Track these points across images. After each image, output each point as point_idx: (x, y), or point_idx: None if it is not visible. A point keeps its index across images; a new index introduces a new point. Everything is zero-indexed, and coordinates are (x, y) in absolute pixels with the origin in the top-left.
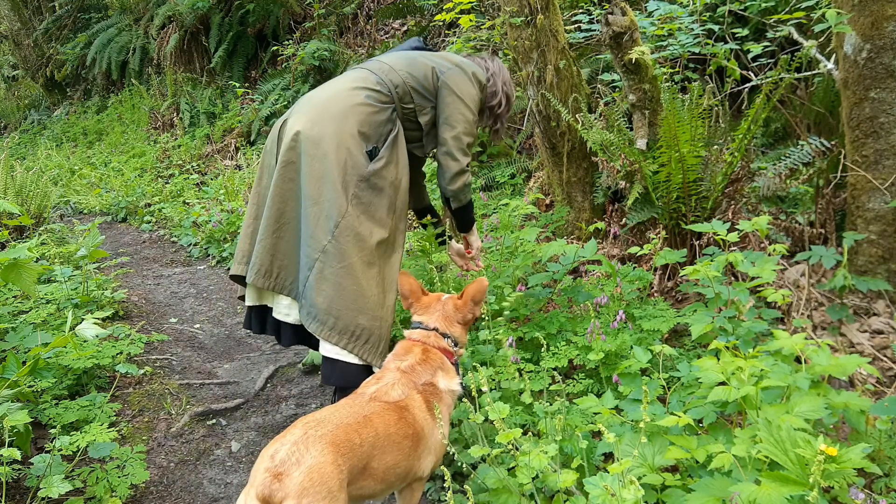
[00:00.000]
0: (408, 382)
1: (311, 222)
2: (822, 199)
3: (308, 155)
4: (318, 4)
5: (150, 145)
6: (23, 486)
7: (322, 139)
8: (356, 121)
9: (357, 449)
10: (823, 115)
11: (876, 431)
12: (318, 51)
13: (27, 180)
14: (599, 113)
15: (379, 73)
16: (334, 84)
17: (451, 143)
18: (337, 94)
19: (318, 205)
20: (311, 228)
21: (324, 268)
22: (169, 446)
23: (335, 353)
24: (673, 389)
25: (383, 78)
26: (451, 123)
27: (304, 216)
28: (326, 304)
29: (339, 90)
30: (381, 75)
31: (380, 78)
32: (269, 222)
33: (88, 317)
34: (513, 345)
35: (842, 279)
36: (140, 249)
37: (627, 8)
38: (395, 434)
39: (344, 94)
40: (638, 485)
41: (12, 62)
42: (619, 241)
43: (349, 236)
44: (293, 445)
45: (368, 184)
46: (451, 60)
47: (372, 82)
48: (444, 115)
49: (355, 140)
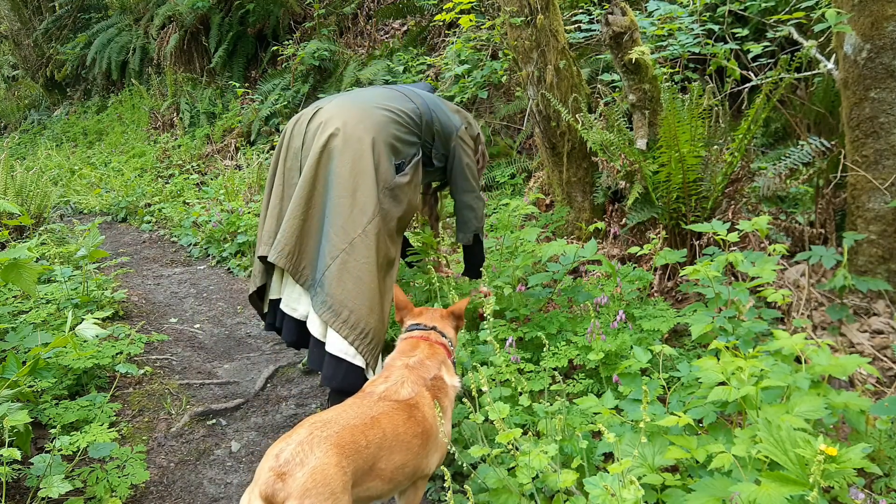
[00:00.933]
0: (417, 379)
1: (343, 213)
2: (822, 199)
3: (349, 149)
4: (318, 4)
5: (150, 145)
6: (23, 486)
7: (362, 139)
8: (391, 134)
9: (363, 451)
10: (823, 115)
11: (876, 431)
12: (318, 51)
13: (27, 180)
14: (599, 113)
15: (416, 101)
16: (372, 94)
17: (470, 200)
18: (376, 105)
19: (354, 198)
20: (342, 219)
21: (348, 259)
22: (169, 446)
23: (342, 351)
24: (673, 389)
25: (419, 107)
26: (467, 188)
27: (335, 206)
28: (344, 295)
29: (378, 102)
30: (417, 104)
31: (416, 107)
32: (299, 202)
33: (88, 317)
34: (513, 345)
35: (842, 279)
36: (140, 249)
37: (627, 8)
38: (404, 434)
39: (383, 107)
40: (638, 485)
41: (12, 62)
42: (619, 241)
43: (379, 235)
44: (298, 446)
45: (391, 193)
46: (461, 118)
47: (409, 109)
48: (460, 176)
49: (388, 150)
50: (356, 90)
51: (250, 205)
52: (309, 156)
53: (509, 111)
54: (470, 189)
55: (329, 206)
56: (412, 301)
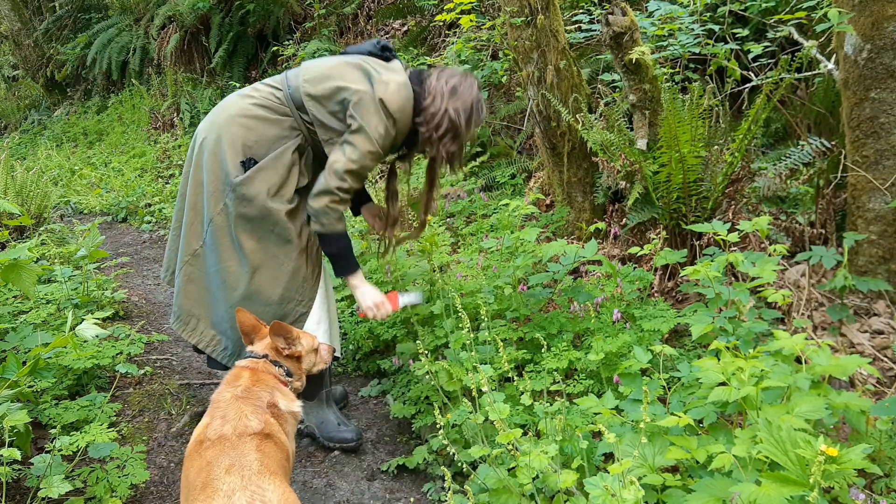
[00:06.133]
0: (254, 409)
1: (186, 229)
2: (823, 199)
3: (194, 163)
4: (318, 4)
5: (151, 145)
6: (23, 486)
7: (205, 147)
8: (235, 133)
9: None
10: (824, 115)
11: (876, 432)
12: (319, 51)
13: (27, 180)
14: (600, 113)
15: (281, 84)
16: (240, 92)
17: (334, 163)
18: (233, 103)
19: (195, 210)
20: (186, 234)
21: (192, 270)
22: (169, 446)
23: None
24: (673, 390)
25: (285, 89)
26: (344, 150)
27: (184, 223)
28: (189, 304)
29: (237, 100)
30: (282, 86)
31: (279, 88)
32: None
33: (88, 317)
34: (513, 345)
35: (842, 279)
36: (140, 249)
37: (628, 8)
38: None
39: (239, 105)
40: (638, 485)
41: (12, 62)
42: (620, 242)
43: (225, 239)
44: None
45: (236, 194)
46: (372, 81)
47: (266, 93)
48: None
49: (233, 150)
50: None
51: None
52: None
53: (509, 111)
54: (343, 150)
55: (183, 222)
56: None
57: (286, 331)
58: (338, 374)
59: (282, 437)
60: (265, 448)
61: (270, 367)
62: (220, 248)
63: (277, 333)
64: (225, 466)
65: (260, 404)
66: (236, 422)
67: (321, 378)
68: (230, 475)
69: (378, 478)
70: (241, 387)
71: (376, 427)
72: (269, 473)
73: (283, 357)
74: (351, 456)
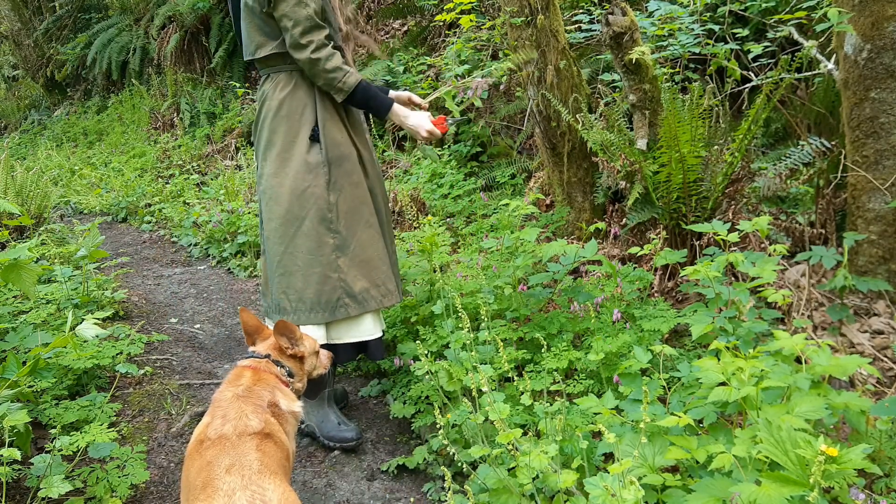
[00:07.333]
0: (255, 408)
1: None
2: (823, 199)
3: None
4: None
5: (151, 145)
6: (23, 486)
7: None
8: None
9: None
10: (824, 115)
11: (876, 432)
12: None
13: (27, 180)
14: (600, 113)
15: None
16: None
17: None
18: None
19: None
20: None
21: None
22: (169, 446)
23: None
24: (673, 390)
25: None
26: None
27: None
28: (279, 289)
29: None
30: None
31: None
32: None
33: (88, 317)
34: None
35: (842, 279)
36: (140, 249)
37: (628, 8)
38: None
39: None
40: (638, 485)
41: (12, 62)
42: (620, 242)
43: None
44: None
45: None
46: None
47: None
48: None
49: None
50: None
51: (250, 205)
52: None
53: (509, 111)
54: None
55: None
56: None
57: (290, 330)
58: (338, 374)
59: (282, 437)
60: (265, 448)
61: (272, 366)
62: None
63: (282, 332)
64: (225, 466)
65: (261, 404)
66: (237, 421)
67: (322, 378)
68: (230, 475)
69: (378, 478)
70: (243, 386)
71: (376, 427)
72: (270, 473)
73: (287, 357)
74: (351, 456)
